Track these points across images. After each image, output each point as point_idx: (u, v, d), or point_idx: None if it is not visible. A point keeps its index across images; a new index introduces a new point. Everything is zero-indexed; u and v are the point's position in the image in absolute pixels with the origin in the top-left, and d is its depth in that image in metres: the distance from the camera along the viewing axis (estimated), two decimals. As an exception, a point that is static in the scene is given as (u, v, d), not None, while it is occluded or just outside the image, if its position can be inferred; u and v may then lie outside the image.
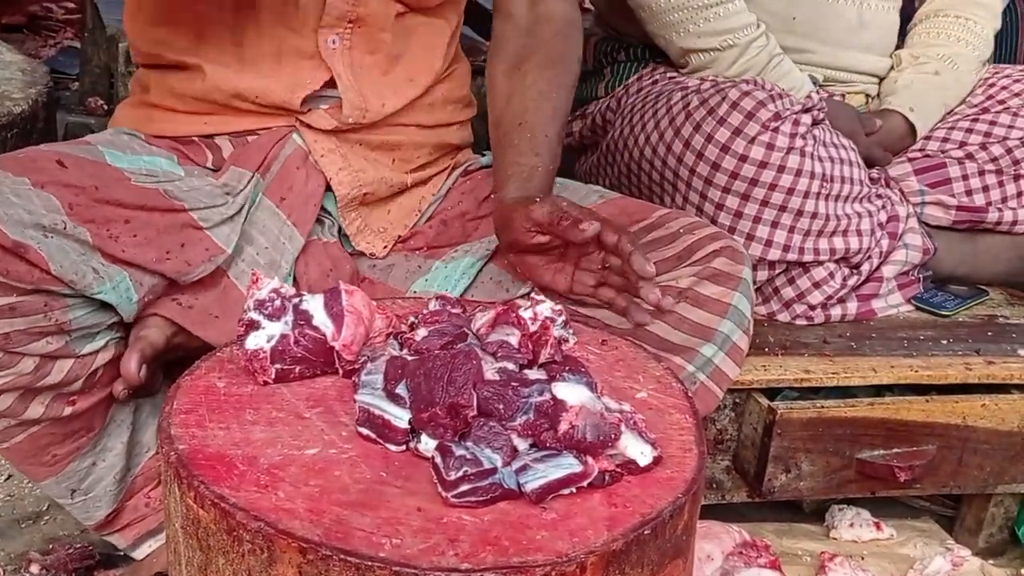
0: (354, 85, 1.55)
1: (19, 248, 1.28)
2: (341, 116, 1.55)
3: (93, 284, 1.35)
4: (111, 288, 1.37)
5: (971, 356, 1.98)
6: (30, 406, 1.39)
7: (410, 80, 1.61)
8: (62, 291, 1.33)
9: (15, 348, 1.33)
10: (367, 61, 1.56)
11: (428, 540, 0.91)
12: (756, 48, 2.02)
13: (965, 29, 2.23)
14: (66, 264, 1.31)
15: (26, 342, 1.33)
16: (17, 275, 1.29)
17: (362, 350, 1.15)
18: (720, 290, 1.47)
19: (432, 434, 1.01)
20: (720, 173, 1.87)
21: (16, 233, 1.27)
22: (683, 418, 1.13)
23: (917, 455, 1.90)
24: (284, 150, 1.56)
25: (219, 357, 1.18)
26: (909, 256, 2.09)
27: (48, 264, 1.30)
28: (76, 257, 1.33)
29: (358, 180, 1.59)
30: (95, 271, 1.35)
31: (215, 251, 1.46)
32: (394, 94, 1.59)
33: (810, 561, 1.92)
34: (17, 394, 1.37)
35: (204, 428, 1.04)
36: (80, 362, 1.40)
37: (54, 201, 1.33)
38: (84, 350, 1.40)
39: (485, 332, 1.14)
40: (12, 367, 1.34)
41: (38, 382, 1.37)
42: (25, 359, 1.34)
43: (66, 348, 1.37)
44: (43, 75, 2.32)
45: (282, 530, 0.90)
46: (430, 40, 1.63)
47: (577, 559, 0.90)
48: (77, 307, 1.36)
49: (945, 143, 2.19)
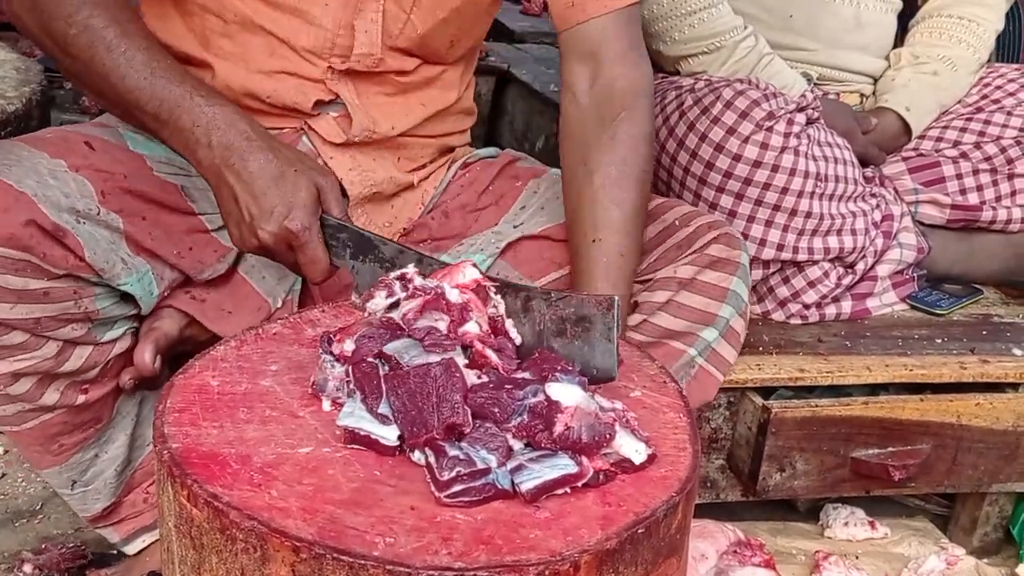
0: (361, 107, 1.55)
1: (58, 232, 1.28)
2: (350, 133, 1.55)
3: (121, 274, 1.36)
4: (136, 280, 1.38)
5: (966, 355, 1.98)
6: (46, 392, 1.40)
7: (421, 105, 1.62)
8: (90, 279, 1.34)
9: (43, 332, 1.33)
10: (374, 90, 1.57)
11: (422, 539, 0.90)
12: (744, 49, 2.02)
13: (967, 31, 2.23)
14: (98, 252, 1.32)
15: (54, 327, 1.34)
16: (53, 260, 1.29)
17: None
18: (718, 275, 1.50)
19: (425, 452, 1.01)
20: (714, 172, 1.87)
21: (56, 216, 1.28)
22: (677, 417, 1.13)
23: (911, 454, 1.90)
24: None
25: (213, 355, 1.18)
26: (904, 255, 2.10)
27: (83, 251, 1.30)
28: (106, 246, 1.34)
29: (368, 180, 1.59)
30: (123, 261, 1.36)
31: (223, 251, 1.47)
32: (404, 116, 1.60)
33: (804, 560, 1.92)
34: (36, 378, 1.38)
35: (198, 427, 1.04)
36: (99, 350, 1.41)
37: (88, 186, 1.33)
38: (104, 338, 1.41)
39: (413, 318, 1.11)
40: (36, 350, 1.35)
41: (58, 367, 1.38)
42: (49, 343, 1.36)
43: (88, 335, 1.39)
44: (37, 73, 2.31)
45: (275, 529, 0.90)
46: (445, 82, 1.64)
47: (571, 558, 0.90)
48: (103, 296, 1.38)
49: (939, 142, 2.19)
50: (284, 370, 1.16)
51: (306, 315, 1.30)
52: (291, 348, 1.21)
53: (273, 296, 1.51)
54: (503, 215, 1.65)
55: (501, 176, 1.70)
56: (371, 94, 1.56)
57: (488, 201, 1.67)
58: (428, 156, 1.68)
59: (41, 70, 2.36)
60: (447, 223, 1.66)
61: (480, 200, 1.68)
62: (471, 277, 1.14)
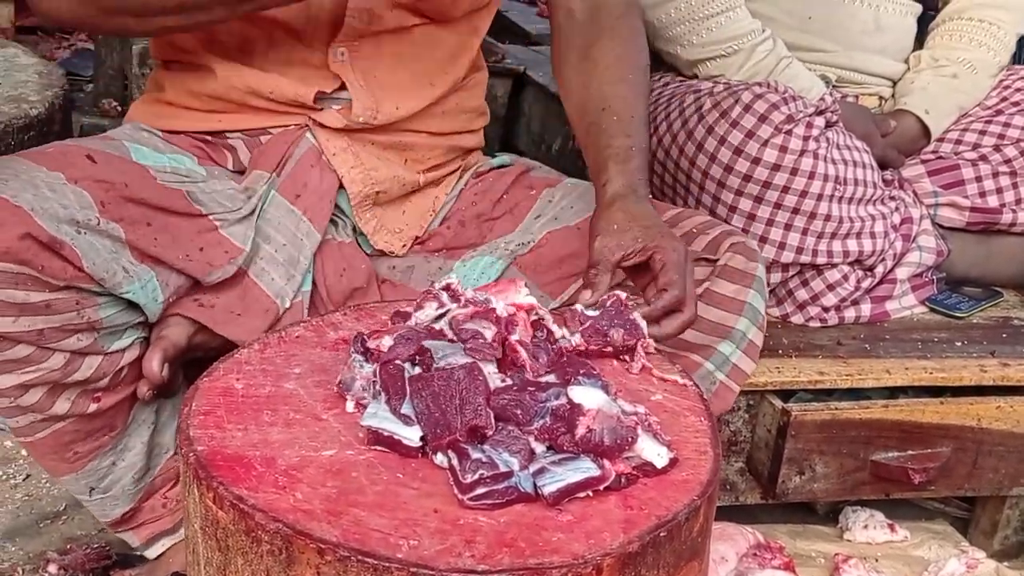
0: (365, 88, 1.56)
1: (55, 244, 1.29)
2: (351, 116, 1.56)
3: (123, 283, 1.36)
4: (139, 288, 1.38)
5: (986, 358, 1.98)
6: (57, 401, 1.41)
7: (427, 85, 1.61)
8: (92, 289, 1.35)
9: (47, 344, 1.34)
10: (380, 66, 1.57)
11: (445, 541, 0.91)
12: (762, 52, 2.02)
13: (988, 34, 2.22)
14: (98, 262, 1.33)
15: (58, 339, 1.35)
16: (52, 271, 1.30)
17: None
18: (735, 288, 1.49)
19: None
20: (733, 176, 1.88)
21: (53, 228, 1.29)
22: (698, 420, 1.14)
23: (931, 457, 1.90)
24: (298, 149, 1.56)
25: (237, 359, 1.19)
26: (923, 258, 2.09)
27: (81, 261, 1.31)
28: (107, 255, 1.34)
29: (370, 178, 1.59)
30: (124, 270, 1.36)
31: (234, 252, 1.47)
32: (409, 98, 1.59)
33: (824, 563, 1.92)
34: (46, 389, 1.39)
35: (223, 429, 1.05)
36: (108, 359, 1.42)
37: (87, 197, 1.34)
38: (112, 347, 1.42)
39: (462, 320, 1.12)
40: (43, 362, 1.36)
41: (67, 378, 1.38)
42: (56, 355, 1.36)
43: (95, 345, 1.39)
44: (59, 77, 2.33)
45: (300, 531, 0.90)
46: (452, 49, 1.63)
47: (593, 561, 0.90)
48: (107, 305, 1.38)
49: (959, 145, 2.19)
50: (307, 373, 1.17)
51: (328, 318, 1.31)
52: (314, 351, 1.22)
53: (281, 297, 1.51)
54: (518, 224, 1.65)
55: (516, 185, 1.70)
56: (374, 72, 1.56)
57: (503, 210, 1.67)
58: (437, 157, 1.67)
59: (63, 74, 2.38)
60: (463, 232, 1.66)
61: (495, 209, 1.68)
62: (525, 300, 1.16)
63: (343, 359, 1.15)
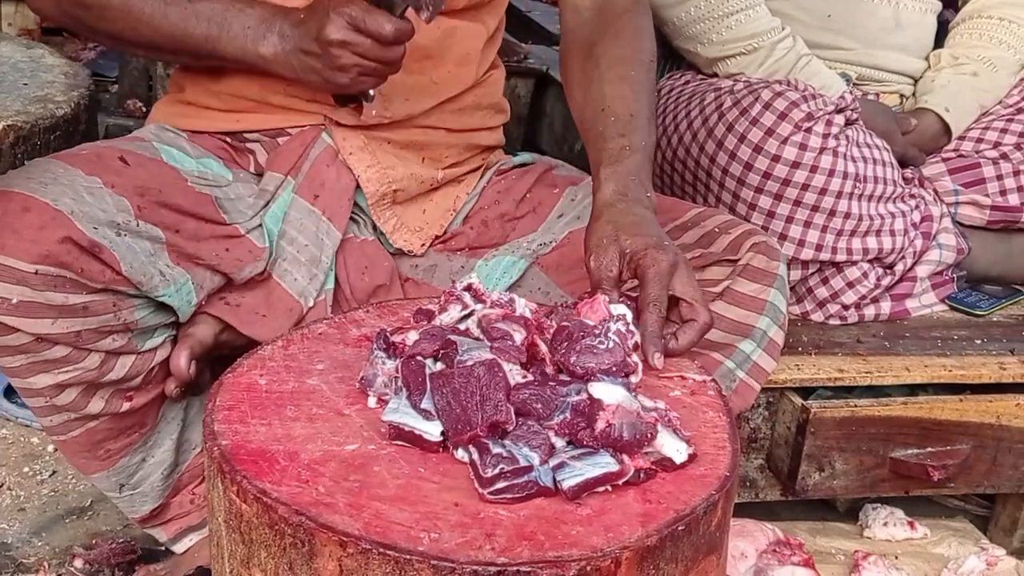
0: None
1: (94, 247, 1.31)
2: (365, 111, 1.56)
3: (159, 287, 1.39)
4: (175, 291, 1.41)
5: (1005, 356, 1.98)
6: (91, 400, 1.43)
7: (439, 82, 1.61)
8: (129, 291, 1.37)
9: (84, 345, 1.36)
10: None
11: (465, 535, 0.92)
12: (782, 49, 2.02)
13: (1008, 32, 2.21)
14: (136, 265, 1.35)
15: (95, 340, 1.37)
16: (90, 275, 1.32)
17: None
18: (756, 287, 1.49)
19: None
20: (753, 173, 1.88)
21: (92, 232, 1.31)
22: (717, 416, 1.15)
23: (951, 454, 1.89)
24: (314, 150, 1.58)
25: (260, 355, 1.20)
26: (943, 256, 2.09)
27: (119, 265, 1.33)
28: (144, 259, 1.36)
29: (387, 177, 1.60)
30: (161, 274, 1.39)
31: (257, 252, 1.49)
32: (421, 93, 1.60)
33: (843, 560, 1.92)
34: (81, 388, 1.41)
35: (246, 424, 1.06)
36: (141, 358, 1.44)
37: (125, 202, 1.36)
38: (145, 347, 1.44)
39: (494, 318, 1.13)
40: (79, 362, 1.38)
41: (102, 377, 1.41)
42: (92, 355, 1.38)
43: (129, 344, 1.41)
44: (84, 78, 2.34)
45: (323, 524, 0.92)
46: (466, 44, 1.63)
47: (612, 554, 0.91)
48: (142, 307, 1.41)
49: (980, 143, 2.18)
50: (330, 369, 1.18)
51: (351, 315, 1.32)
52: (336, 347, 1.23)
53: (304, 296, 1.53)
54: (541, 223, 1.66)
55: (538, 184, 1.70)
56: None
57: (526, 209, 1.67)
58: (456, 155, 1.68)
59: (88, 74, 2.39)
60: (486, 232, 1.67)
61: (518, 208, 1.68)
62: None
63: (365, 355, 1.17)
